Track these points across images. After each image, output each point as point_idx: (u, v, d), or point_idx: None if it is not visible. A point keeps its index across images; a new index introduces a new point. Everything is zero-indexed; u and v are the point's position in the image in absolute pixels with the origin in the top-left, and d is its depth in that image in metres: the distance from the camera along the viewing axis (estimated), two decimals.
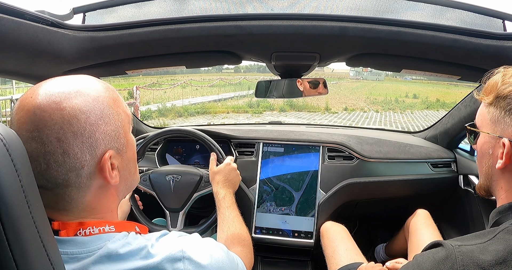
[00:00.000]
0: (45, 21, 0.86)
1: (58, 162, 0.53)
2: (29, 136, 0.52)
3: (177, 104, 15.09)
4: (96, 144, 0.56)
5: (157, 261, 0.56)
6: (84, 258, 0.54)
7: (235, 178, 1.30)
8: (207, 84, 23.52)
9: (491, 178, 0.73)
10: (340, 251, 1.28)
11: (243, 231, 1.07)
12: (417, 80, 43.17)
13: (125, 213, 1.30)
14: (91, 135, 0.55)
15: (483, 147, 0.73)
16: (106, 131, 0.57)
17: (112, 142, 0.58)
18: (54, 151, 0.53)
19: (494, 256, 0.57)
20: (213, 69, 38.19)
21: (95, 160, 0.56)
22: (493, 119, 0.69)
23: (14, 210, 0.41)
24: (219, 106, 15.82)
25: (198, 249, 0.61)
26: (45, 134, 0.52)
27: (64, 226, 0.56)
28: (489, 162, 0.72)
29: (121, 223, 0.61)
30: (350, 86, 33.75)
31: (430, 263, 0.61)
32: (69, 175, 0.54)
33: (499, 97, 0.68)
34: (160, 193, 1.36)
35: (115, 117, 0.59)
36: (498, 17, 1.00)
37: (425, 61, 1.11)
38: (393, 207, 1.85)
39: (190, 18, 0.99)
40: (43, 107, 0.53)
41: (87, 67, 1.08)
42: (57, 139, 0.52)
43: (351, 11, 1.03)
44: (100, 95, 0.58)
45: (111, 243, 0.56)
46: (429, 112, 16.59)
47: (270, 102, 15.74)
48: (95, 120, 0.55)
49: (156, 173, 1.39)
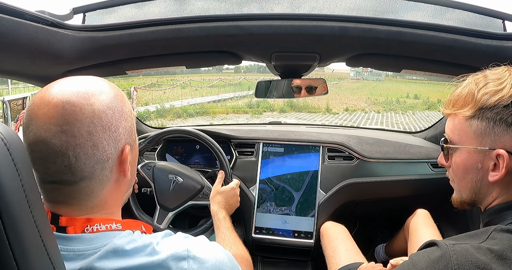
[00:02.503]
0: (45, 21, 0.86)
1: (87, 155, 0.55)
2: (58, 130, 0.53)
3: (176, 104, 14.98)
4: (119, 138, 0.59)
5: (162, 259, 0.56)
6: (90, 254, 0.55)
7: (235, 203, 1.32)
8: (207, 84, 23.45)
9: (479, 191, 0.70)
10: (340, 251, 1.28)
11: (245, 252, 1.09)
12: (418, 80, 43.12)
13: None
14: (116, 129, 0.58)
15: (467, 163, 0.69)
16: (126, 126, 0.61)
17: (128, 137, 0.62)
18: (85, 143, 0.55)
19: (489, 255, 0.57)
20: (213, 69, 38.17)
21: (117, 154, 0.59)
22: (478, 132, 0.66)
23: (14, 209, 0.41)
24: (218, 106, 15.74)
25: (203, 250, 0.61)
26: (76, 127, 0.54)
27: (72, 222, 0.57)
28: (477, 176, 0.69)
29: (127, 222, 0.62)
30: (351, 87, 33.68)
31: (425, 263, 0.61)
32: (95, 167, 0.57)
33: (483, 108, 0.64)
34: (158, 188, 1.37)
35: (130, 114, 0.63)
36: (498, 17, 1.01)
37: (425, 61, 1.11)
38: (393, 207, 1.84)
39: (190, 18, 0.99)
40: (73, 102, 0.55)
41: (87, 67, 1.09)
42: (87, 132, 0.55)
43: (351, 11, 1.03)
44: (118, 93, 0.62)
45: (117, 239, 0.57)
46: (431, 112, 16.38)
47: (270, 103, 15.68)
48: (118, 116, 0.59)
49: (160, 167, 1.39)
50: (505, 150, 0.63)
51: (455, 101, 0.69)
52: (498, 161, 0.64)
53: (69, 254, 0.54)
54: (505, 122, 0.63)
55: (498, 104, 0.63)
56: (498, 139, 0.64)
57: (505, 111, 0.63)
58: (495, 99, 0.63)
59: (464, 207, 0.76)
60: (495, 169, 0.65)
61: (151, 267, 0.56)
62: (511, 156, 0.63)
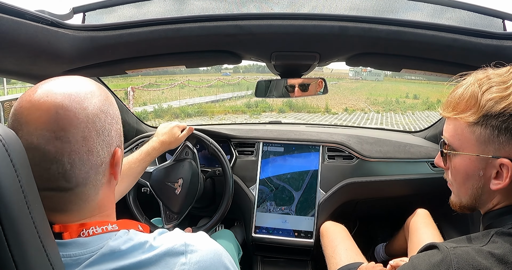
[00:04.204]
0: (45, 20, 0.86)
1: (83, 161, 0.54)
2: (52, 136, 0.51)
3: (174, 105, 14.88)
4: (111, 142, 0.58)
5: (160, 254, 0.56)
6: (86, 258, 0.54)
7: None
8: (205, 84, 23.37)
9: (480, 198, 0.68)
10: (340, 251, 1.28)
11: None
12: (417, 80, 43.02)
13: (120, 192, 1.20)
14: (109, 133, 0.57)
15: (468, 169, 0.66)
16: (117, 129, 0.60)
17: (119, 140, 0.61)
18: (80, 149, 0.53)
19: (490, 258, 0.56)
20: (211, 69, 38.11)
21: (109, 157, 0.58)
22: (482, 139, 0.63)
23: (13, 210, 0.41)
24: (216, 107, 15.65)
25: (201, 244, 0.60)
26: (71, 133, 0.52)
27: (66, 229, 0.55)
28: (478, 184, 0.66)
29: (123, 222, 0.61)
30: (350, 87, 33.64)
31: (426, 266, 0.60)
32: (90, 173, 0.55)
33: (488, 115, 0.61)
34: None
35: (119, 116, 0.62)
36: (498, 17, 1.00)
37: (425, 60, 1.11)
38: (393, 206, 1.84)
39: (189, 18, 0.98)
40: (66, 107, 0.53)
41: (87, 66, 1.08)
42: (83, 138, 0.53)
43: (350, 11, 1.03)
44: (107, 95, 0.60)
45: (112, 241, 0.56)
46: (431, 113, 16.28)
47: (269, 103, 15.57)
48: (111, 119, 0.58)
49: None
50: (510, 160, 0.61)
51: (456, 104, 0.66)
52: (502, 170, 0.62)
53: (66, 260, 0.53)
54: (511, 131, 0.60)
55: (504, 112, 0.60)
56: (503, 147, 0.61)
57: (511, 120, 0.60)
58: (501, 107, 0.60)
59: (463, 211, 0.74)
60: (498, 177, 0.63)
61: (149, 263, 0.55)
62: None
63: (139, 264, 0.55)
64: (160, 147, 1.26)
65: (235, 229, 1.76)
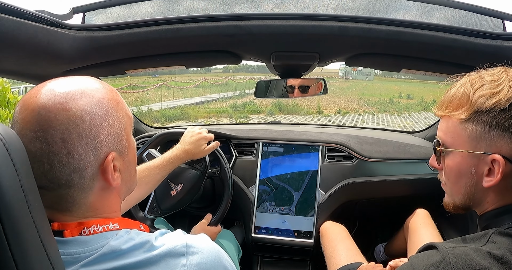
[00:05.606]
0: (44, 20, 0.86)
1: (62, 163, 0.53)
2: (33, 136, 0.52)
3: (154, 108, 13.97)
4: (100, 146, 0.56)
5: (160, 254, 0.55)
6: (87, 257, 0.54)
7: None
8: (192, 84, 22.61)
9: (473, 196, 0.68)
10: (339, 251, 1.28)
11: None
12: (407, 80, 42.63)
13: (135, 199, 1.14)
14: (95, 136, 0.55)
15: (461, 167, 0.67)
16: (110, 133, 0.57)
17: (115, 144, 0.58)
18: (59, 151, 0.52)
19: (489, 258, 0.57)
20: (201, 69, 37.80)
21: (98, 162, 0.56)
22: (473, 135, 0.63)
23: (13, 210, 0.41)
24: (201, 109, 14.82)
25: (202, 246, 0.60)
26: (50, 134, 0.52)
27: (65, 227, 0.55)
28: (471, 181, 0.67)
29: (125, 221, 0.61)
30: (341, 86, 33.13)
31: (425, 266, 0.60)
32: (72, 176, 0.54)
33: (479, 111, 0.62)
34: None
35: (118, 119, 0.59)
36: (498, 17, 1.01)
37: (425, 61, 1.11)
38: (393, 207, 1.84)
39: (189, 18, 0.99)
40: (48, 107, 0.52)
41: (87, 67, 1.08)
42: (62, 140, 0.52)
43: (342, 10, 1.03)
44: (105, 97, 0.58)
45: (114, 240, 0.56)
46: (428, 114, 15.78)
47: (256, 105, 14.88)
48: (100, 121, 0.56)
49: None
50: (501, 155, 0.61)
51: (449, 103, 0.67)
52: (493, 166, 0.62)
53: (66, 258, 0.53)
54: (502, 127, 0.61)
55: (495, 108, 0.61)
56: (494, 143, 0.62)
57: (502, 115, 0.60)
58: (492, 103, 0.61)
59: (457, 211, 0.74)
60: (490, 174, 0.63)
61: (150, 263, 0.55)
62: (507, 162, 0.61)
63: (139, 263, 0.55)
64: (184, 157, 1.23)
65: (235, 229, 1.75)
